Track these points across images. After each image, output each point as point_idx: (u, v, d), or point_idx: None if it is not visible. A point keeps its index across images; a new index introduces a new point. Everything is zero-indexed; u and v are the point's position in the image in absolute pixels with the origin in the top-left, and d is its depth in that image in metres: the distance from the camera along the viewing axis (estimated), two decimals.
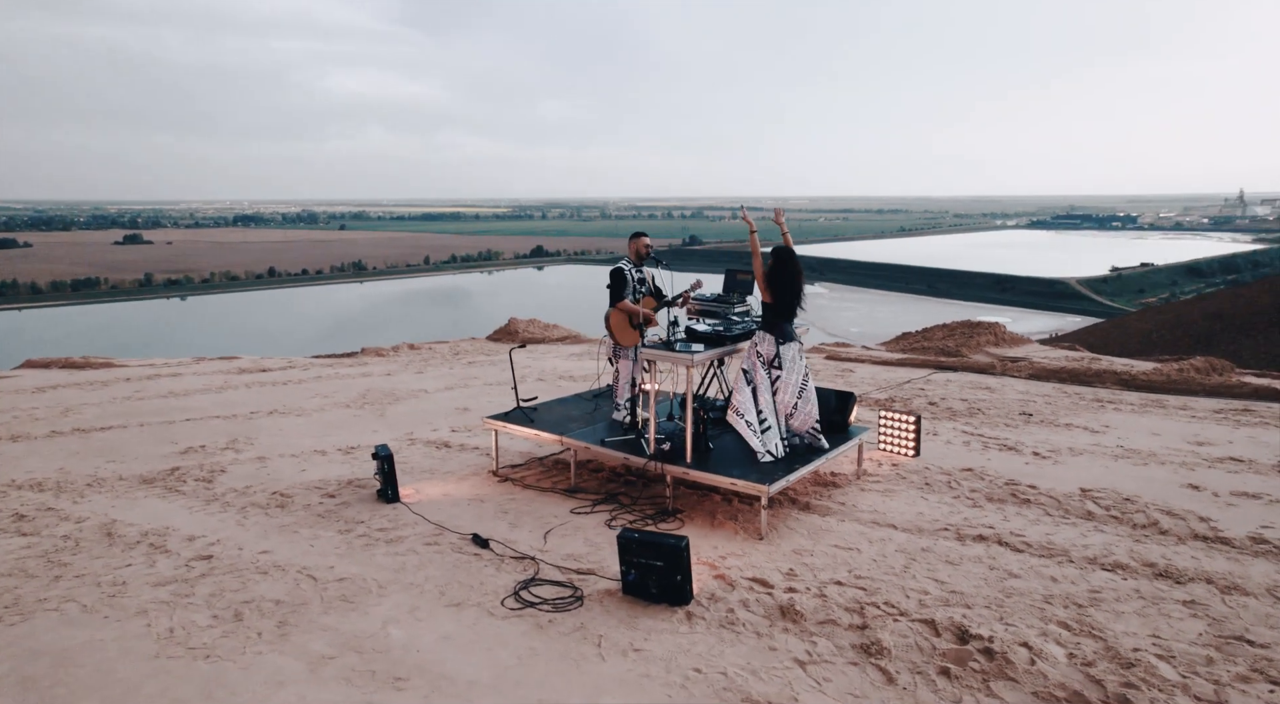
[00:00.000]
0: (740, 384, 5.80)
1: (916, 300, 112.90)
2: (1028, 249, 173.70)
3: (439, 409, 9.66)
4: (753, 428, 5.72)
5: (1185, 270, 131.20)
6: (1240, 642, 3.86)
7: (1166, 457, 6.97)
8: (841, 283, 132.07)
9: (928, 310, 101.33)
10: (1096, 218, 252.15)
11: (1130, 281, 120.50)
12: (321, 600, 4.42)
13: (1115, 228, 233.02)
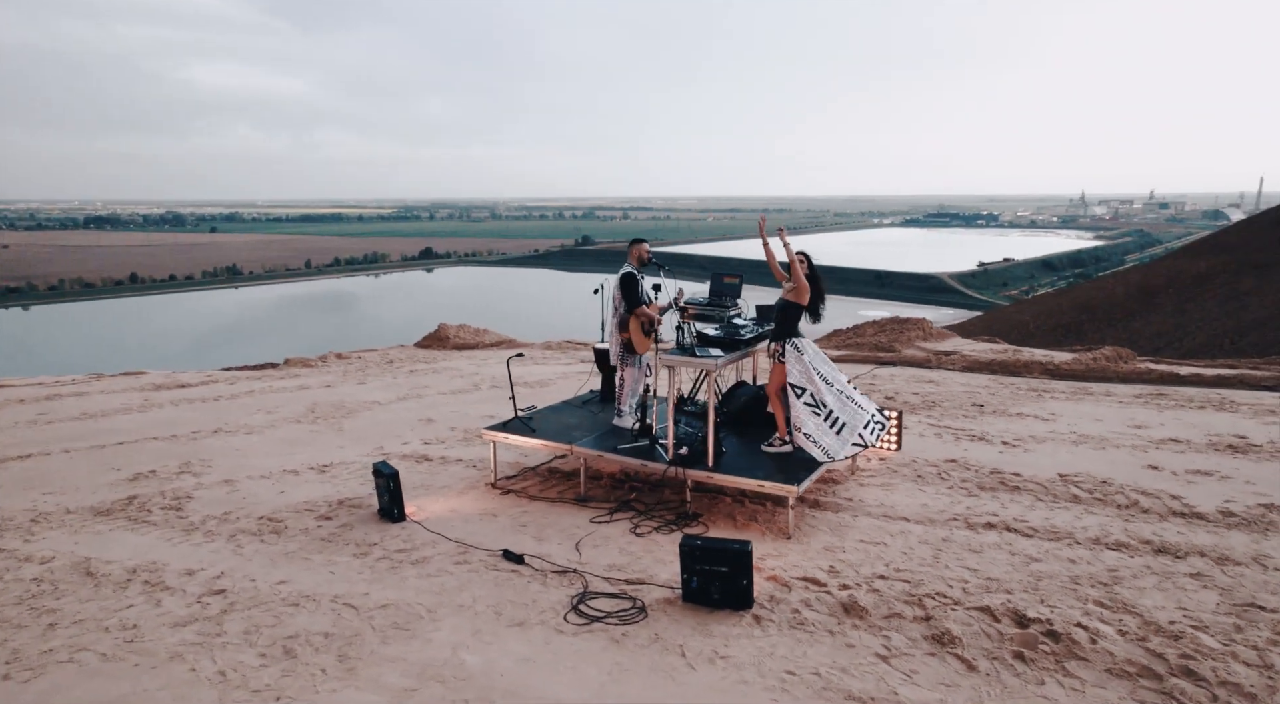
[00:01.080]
0: (792, 400, 5.83)
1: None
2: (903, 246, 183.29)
3: (400, 421, 9.31)
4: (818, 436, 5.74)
5: (1041, 264, 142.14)
6: (1254, 608, 4.27)
7: (1117, 440, 7.59)
8: None
9: None
10: (963, 216, 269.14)
11: (995, 276, 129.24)
12: (373, 630, 4.21)
13: (980, 225, 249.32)
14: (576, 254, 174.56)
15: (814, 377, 5.89)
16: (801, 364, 5.92)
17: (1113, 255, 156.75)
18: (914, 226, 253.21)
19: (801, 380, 5.89)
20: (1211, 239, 59.84)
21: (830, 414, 5.87)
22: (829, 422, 5.86)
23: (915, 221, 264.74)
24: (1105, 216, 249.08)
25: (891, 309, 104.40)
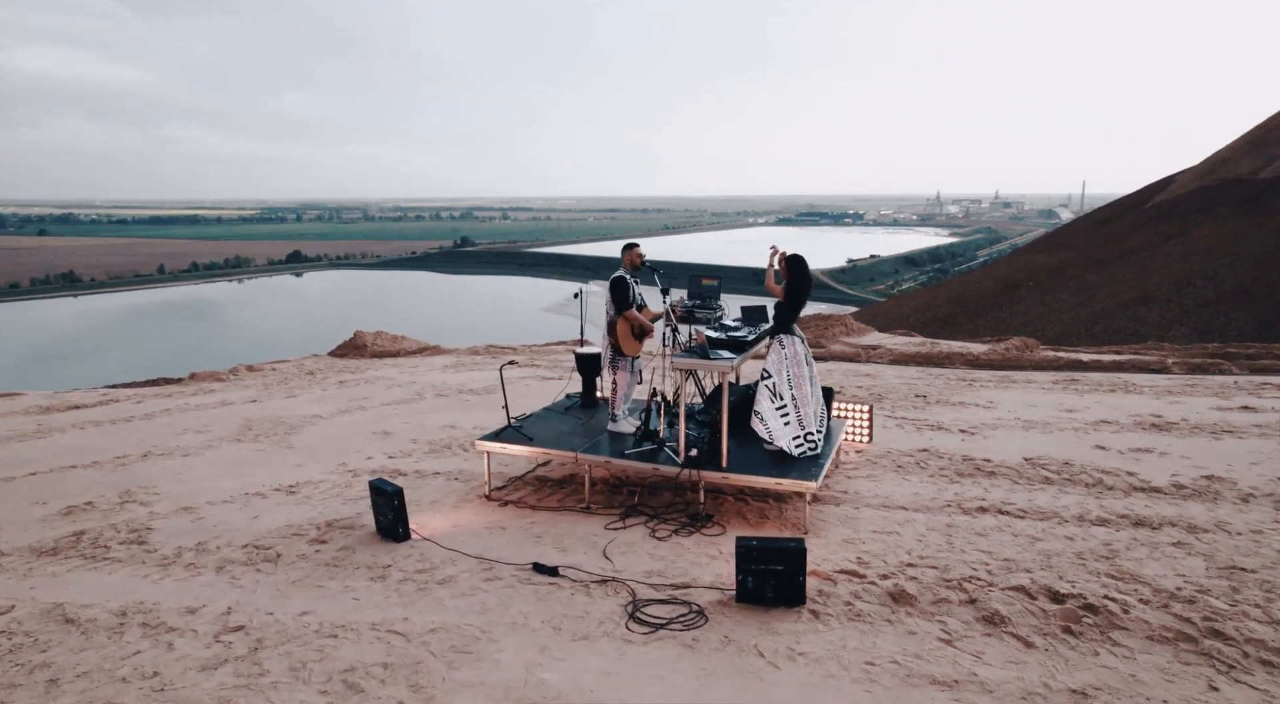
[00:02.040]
0: (761, 391, 6.01)
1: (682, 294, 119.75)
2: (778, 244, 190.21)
3: (353, 435, 8.87)
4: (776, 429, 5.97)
5: (904, 260, 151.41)
6: (1237, 570, 4.78)
7: (1058, 424, 8.24)
8: None
9: None
10: (832, 215, 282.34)
11: (863, 271, 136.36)
12: (434, 656, 4.03)
13: (847, 224, 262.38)
14: (456, 256, 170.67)
15: (783, 370, 6.09)
16: (778, 356, 6.12)
17: (966, 251, 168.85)
18: (787, 225, 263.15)
19: (771, 369, 6.11)
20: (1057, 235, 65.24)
21: (783, 407, 6.09)
22: (780, 412, 6.08)
23: (788, 220, 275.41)
24: (958, 215, 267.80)
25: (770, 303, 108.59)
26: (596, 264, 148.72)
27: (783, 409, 6.02)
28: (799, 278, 6.21)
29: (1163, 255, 36.82)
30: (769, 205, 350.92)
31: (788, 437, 6.00)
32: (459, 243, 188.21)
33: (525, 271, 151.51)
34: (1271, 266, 30.85)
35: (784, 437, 5.99)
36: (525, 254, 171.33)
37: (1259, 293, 29.43)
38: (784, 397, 6.03)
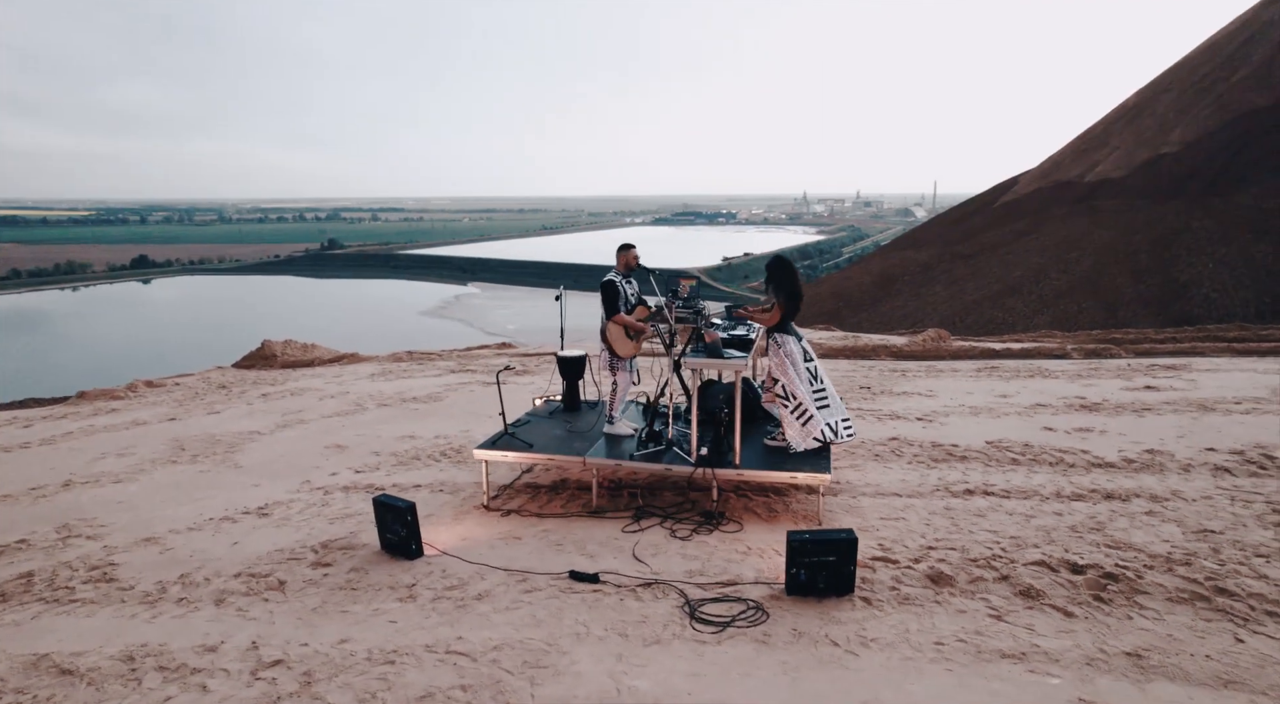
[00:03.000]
0: (796, 387, 6.12)
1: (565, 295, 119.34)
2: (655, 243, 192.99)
3: (304, 451, 8.37)
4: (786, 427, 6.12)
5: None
6: (1208, 533, 5.32)
7: (1002, 408, 8.86)
8: (493, 282, 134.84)
9: (579, 304, 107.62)
10: (706, 214, 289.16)
11: (738, 269, 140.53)
12: (511, 674, 3.90)
13: (721, 223, 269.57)
14: (324, 259, 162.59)
15: (788, 370, 6.26)
16: (779, 357, 6.27)
17: (833, 248, 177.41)
18: (663, 225, 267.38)
19: (777, 373, 6.25)
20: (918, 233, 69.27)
21: (799, 406, 6.25)
22: (796, 414, 6.25)
23: (663, 220, 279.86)
24: (824, 214, 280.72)
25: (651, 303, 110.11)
26: (474, 266, 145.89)
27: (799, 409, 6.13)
28: (781, 278, 6.36)
29: (1020, 250, 40.10)
30: (645, 205, 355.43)
31: (815, 429, 6.10)
32: (326, 245, 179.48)
33: (399, 274, 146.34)
34: (1110, 260, 34.25)
35: (806, 436, 6.10)
36: (399, 256, 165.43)
37: (1103, 284, 32.60)
38: (797, 395, 6.16)
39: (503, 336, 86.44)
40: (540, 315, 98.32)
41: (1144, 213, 38.07)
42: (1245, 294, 28.92)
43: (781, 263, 6.40)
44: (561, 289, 7.67)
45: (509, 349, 16.25)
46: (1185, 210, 36.01)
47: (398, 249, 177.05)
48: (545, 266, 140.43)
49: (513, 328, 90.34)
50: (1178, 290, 29.94)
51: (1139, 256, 33.18)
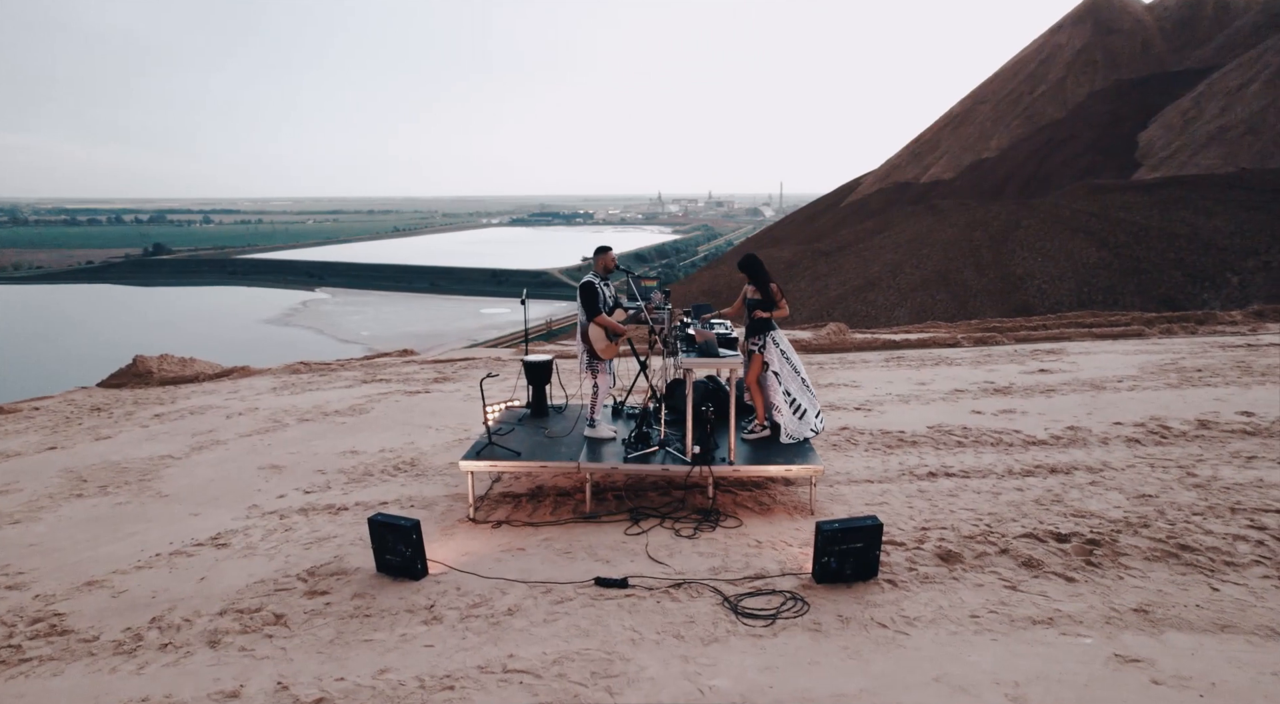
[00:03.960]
0: (774, 384, 6.30)
1: (421, 299, 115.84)
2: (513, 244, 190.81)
3: (237, 474, 7.72)
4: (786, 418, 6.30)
5: (634, 257, 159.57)
6: (1147, 497, 5.97)
7: (925, 396, 9.49)
8: (344, 287, 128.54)
9: (436, 308, 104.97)
10: (564, 215, 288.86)
11: None
12: (585, 685, 3.82)
13: (579, 223, 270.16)
14: (149, 265, 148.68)
15: (784, 365, 6.50)
16: (775, 353, 6.48)
17: (689, 247, 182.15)
18: (520, 225, 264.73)
19: (777, 367, 6.46)
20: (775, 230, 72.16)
21: (794, 401, 6.52)
22: (793, 407, 6.52)
23: (520, 221, 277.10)
24: (679, 214, 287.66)
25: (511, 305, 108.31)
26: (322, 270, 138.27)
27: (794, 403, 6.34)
28: (764, 274, 6.55)
29: (875, 247, 42.89)
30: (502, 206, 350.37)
31: (809, 422, 6.32)
32: (151, 250, 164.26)
33: (237, 281, 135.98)
34: (956, 255, 37.34)
35: (805, 426, 6.31)
36: (236, 261, 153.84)
37: (951, 277, 35.50)
38: (791, 391, 6.36)
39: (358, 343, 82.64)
40: (399, 321, 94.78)
41: (980, 211, 41.68)
42: (1069, 284, 32.38)
43: (758, 262, 6.59)
44: (524, 294, 7.50)
45: (412, 356, 15.63)
46: (1016, 209, 39.77)
47: (235, 254, 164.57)
48: (401, 270, 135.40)
49: (367, 334, 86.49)
50: (1015, 282, 33.10)
51: (980, 252, 36.36)
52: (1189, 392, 9.02)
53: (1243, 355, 11.07)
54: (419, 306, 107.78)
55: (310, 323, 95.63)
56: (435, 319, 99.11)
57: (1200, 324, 13.64)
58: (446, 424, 9.13)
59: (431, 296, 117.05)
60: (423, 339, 78.99)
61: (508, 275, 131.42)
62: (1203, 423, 7.76)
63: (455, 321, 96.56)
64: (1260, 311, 14.33)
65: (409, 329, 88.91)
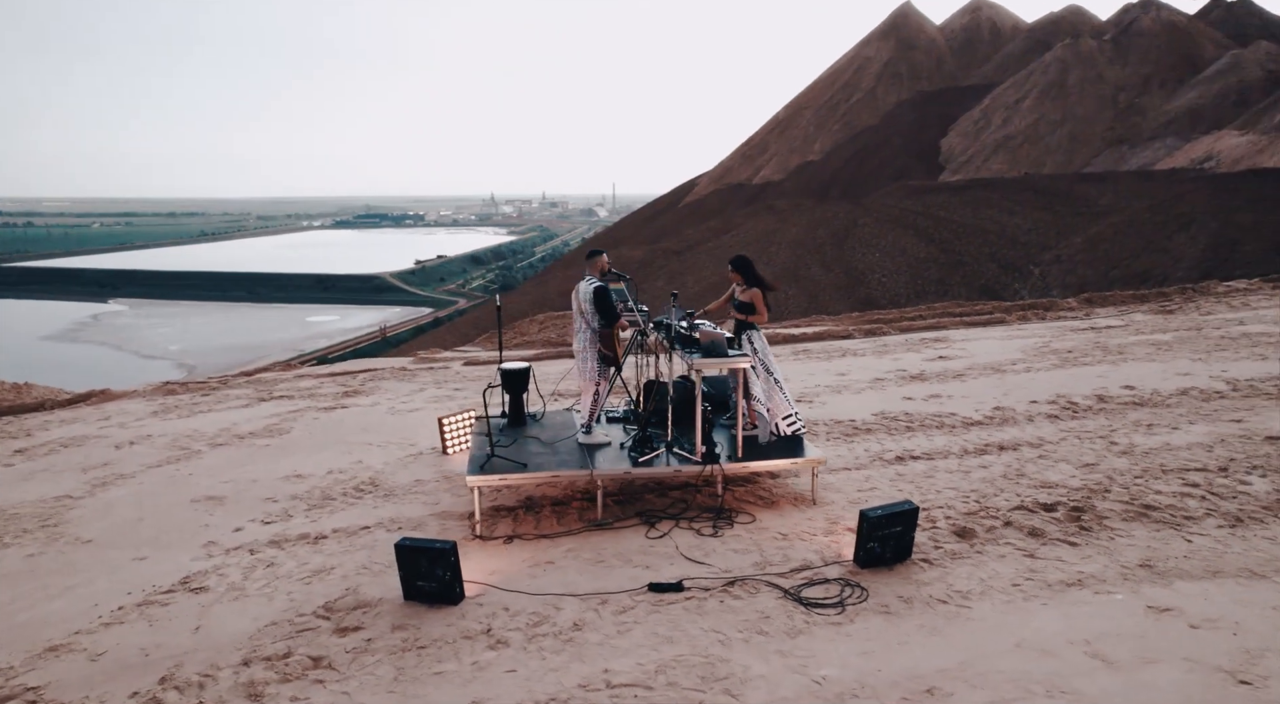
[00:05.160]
0: (752, 379, 6.45)
1: (238, 308, 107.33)
2: (339, 247, 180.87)
3: (170, 509, 6.88)
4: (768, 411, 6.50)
5: (470, 259, 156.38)
6: (1089, 466, 6.72)
7: (853, 386, 10.07)
8: (143, 297, 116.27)
9: (256, 318, 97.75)
10: (393, 216, 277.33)
11: (432, 272, 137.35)
12: (702, 692, 3.79)
13: (409, 225, 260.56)
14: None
15: (770, 362, 6.72)
16: (761, 350, 6.69)
17: (526, 248, 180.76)
18: (345, 228, 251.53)
19: (754, 363, 6.67)
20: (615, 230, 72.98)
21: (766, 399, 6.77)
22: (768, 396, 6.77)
23: (346, 223, 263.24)
24: (513, 215, 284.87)
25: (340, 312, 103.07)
26: (116, 279, 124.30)
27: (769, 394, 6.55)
28: (755, 274, 6.74)
29: (724, 246, 44.59)
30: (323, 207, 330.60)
31: (780, 416, 6.54)
32: None
33: (6, 293, 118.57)
34: (803, 253, 39.71)
35: (778, 416, 6.53)
36: (3, 270, 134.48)
37: (800, 273, 37.70)
38: (769, 383, 6.56)
39: (166, 359, 74.99)
40: (214, 333, 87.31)
41: (820, 211, 44.51)
42: (905, 277, 35.36)
43: (749, 260, 6.76)
44: (499, 299, 7.21)
45: (303, 367, 14.51)
46: (853, 209, 42.79)
47: (2, 261, 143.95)
48: (212, 277, 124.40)
49: (177, 349, 79.01)
50: (858, 277, 35.70)
51: (825, 249, 38.86)
52: (1074, 371, 10.18)
53: (1094, 337, 12.63)
54: (235, 317, 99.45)
55: (105, 338, 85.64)
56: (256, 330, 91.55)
57: (1047, 311, 15.41)
58: (388, 440, 8.60)
59: (249, 306, 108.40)
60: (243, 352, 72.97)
61: (335, 281, 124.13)
62: (1100, 397, 8.80)
63: (278, 332, 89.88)
64: (1090, 298, 16.42)
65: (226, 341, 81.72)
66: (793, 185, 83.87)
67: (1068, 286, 31.58)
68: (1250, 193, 35.92)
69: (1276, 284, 17.01)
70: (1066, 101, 71.35)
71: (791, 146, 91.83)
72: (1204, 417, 8.00)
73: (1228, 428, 7.62)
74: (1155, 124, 67.28)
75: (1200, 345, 11.38)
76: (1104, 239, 35.17)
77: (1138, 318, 14.31)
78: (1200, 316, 14.06)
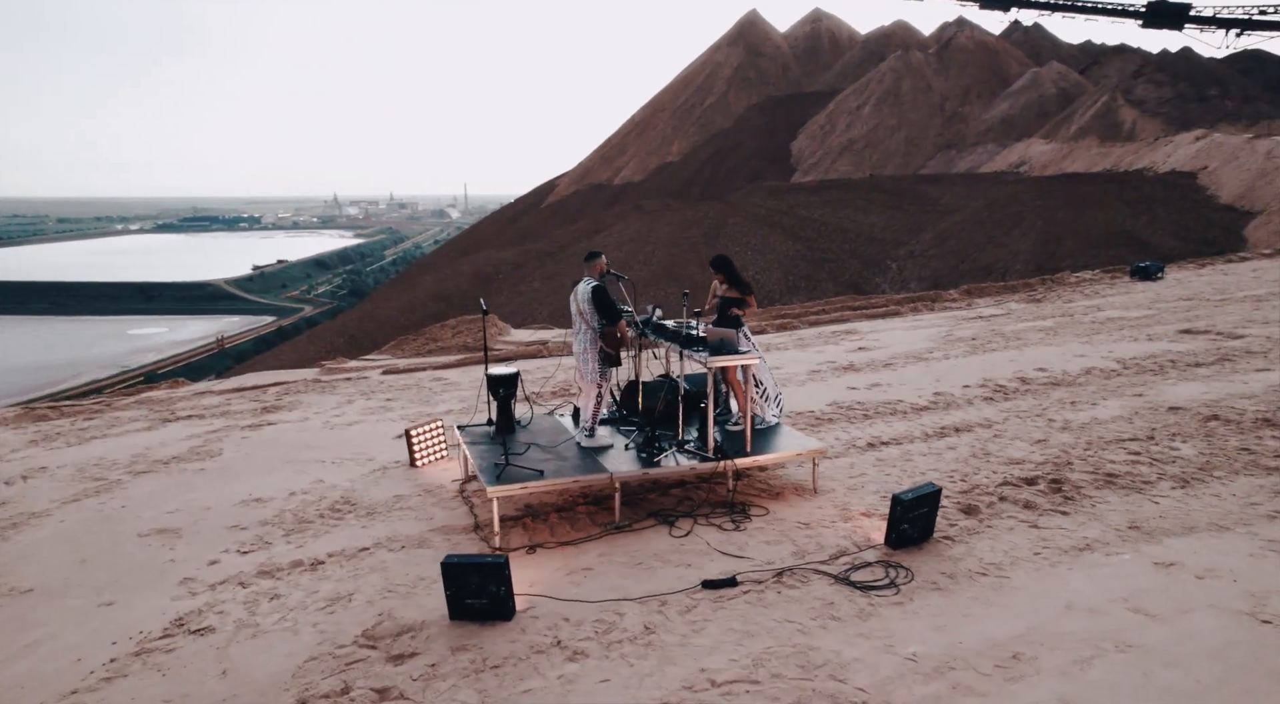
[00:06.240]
0: (760, 373, 6.60)
1: (41, 322, 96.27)
2: (163, 253, 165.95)
3: (116, 550, 6.11)
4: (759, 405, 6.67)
5: (314, 264, 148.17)
6: (1040, 442, 7.35)
7: (794, 379, 10.45)
8: None
9: (65, 332, 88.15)
10: (225, 219, 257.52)
11: (273, 278, 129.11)
12: (809, 679, 3.86)
13: (243, 228, 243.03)
14: None
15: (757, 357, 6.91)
16: (748, 346, 6.85)
17: (374, 251, 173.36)
18: (169, 232, 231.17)
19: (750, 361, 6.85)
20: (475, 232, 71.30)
21: (764, 390, 7.00)
22: (764, 397, 6.99)
23: (170, 226, 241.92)
24: (359, 216, 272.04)
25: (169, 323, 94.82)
26: None
27: (763, 391, 6.72)
28: (736, 272, 6.88)
29: (598, 246, 44.77)
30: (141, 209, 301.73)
31: (772, 406, 6.72)
32: None
33: None
34: (679, 251, 40.58)
35: (769, 410, 6.71)
36: None
37: (678, 271, 38.49)
38: (763, 381, 6.72)
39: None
40: (21, 348, 77.71)
41: (690, 211, 45.60)
42: (777, 274, 36.94)
43: (730, 260, 6.89)
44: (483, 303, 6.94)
45: (200, 383, 13.25)
46: (722, 208, 44.15)
47: None
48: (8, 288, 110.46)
49: None
50: None
51: (699, 248, 39.86)
52: (987, 357, 11.07)
53: (988, 326, 13.77)
54: (38, 332, 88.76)
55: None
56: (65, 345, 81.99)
57: (934, 303, 16.64)
58: (340, 456, 8.06)
59: (55, 319, 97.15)
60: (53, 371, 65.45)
61: (161, 289, 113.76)
62: (1022, 379, 9.64)
63: (95, 346, 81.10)
64: (970, 290, 17.88)
65: (28, 360, 72.77)
66: (654, 186, 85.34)
67: (923, 279, 34.20)
68: (1067, 194, 40.39)
69: (1113, 275, 19.24)
70: (901, 109, 76.99)
71: (650, 148, 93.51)
72: (1112, 392, 8.94)
73: (1134, 401, 8.56)
74: (976, 131, 73.97)
75: (1079, 330, 12.69)
76: (951, 235, 38.42)
77: (1014, 307, 15.74)
78: (1065, 304, 15.67)
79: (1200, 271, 19.42)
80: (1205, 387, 8.99)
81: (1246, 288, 16.32)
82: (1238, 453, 6.84)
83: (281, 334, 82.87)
